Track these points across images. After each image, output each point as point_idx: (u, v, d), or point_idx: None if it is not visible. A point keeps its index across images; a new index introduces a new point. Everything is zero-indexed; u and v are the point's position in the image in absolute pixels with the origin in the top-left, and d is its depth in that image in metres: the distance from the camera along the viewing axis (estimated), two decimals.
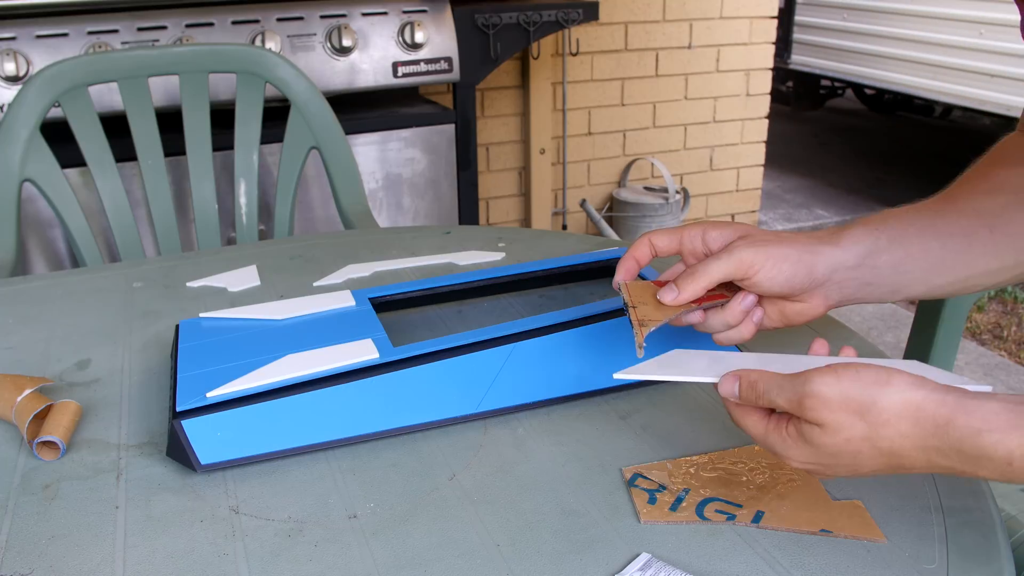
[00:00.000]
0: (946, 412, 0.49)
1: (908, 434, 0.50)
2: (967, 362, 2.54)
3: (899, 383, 0.50)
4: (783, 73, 5.06)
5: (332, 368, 0.69)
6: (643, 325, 0.64)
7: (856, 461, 0.52)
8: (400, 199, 2.08)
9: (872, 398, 0.50)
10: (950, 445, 0.49)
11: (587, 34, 2.91)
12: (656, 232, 0.70)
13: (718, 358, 0.61)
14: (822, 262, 0.64)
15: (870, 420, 0.50)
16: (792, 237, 0.66)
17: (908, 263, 0.66)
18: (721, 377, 0.57)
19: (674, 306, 0.65)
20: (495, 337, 0.72)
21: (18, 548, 0.59)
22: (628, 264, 0.70)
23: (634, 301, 0.67)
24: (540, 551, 0.57)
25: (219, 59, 1.44)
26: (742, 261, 0.64)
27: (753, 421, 0.56)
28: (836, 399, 0.51)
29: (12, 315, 0.94)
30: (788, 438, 0.54)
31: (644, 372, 0.61)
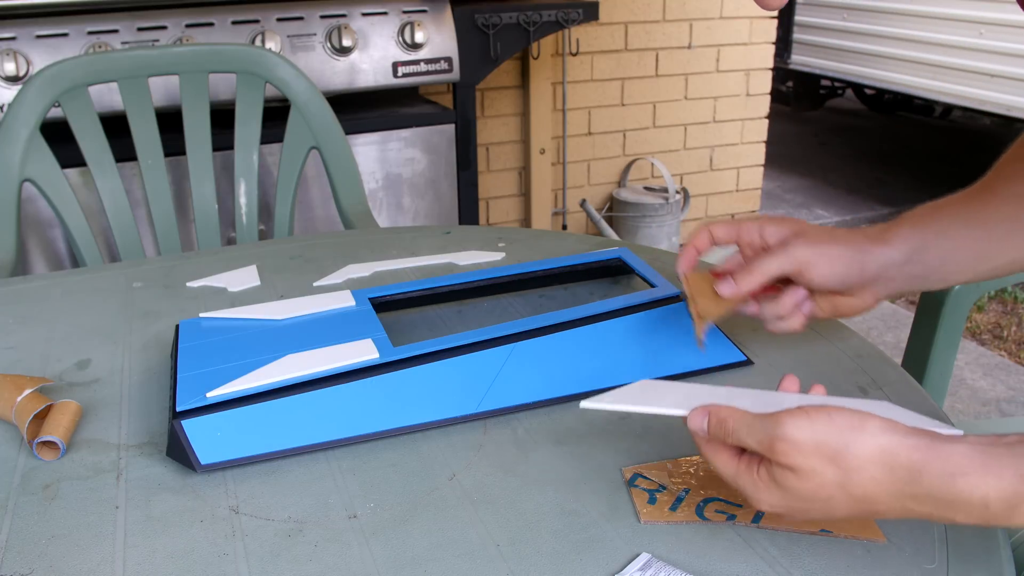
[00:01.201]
0: (919, 457, 0.48)
1: (881, 481, 0.49)
2: (967, 362, 2.54)
3: (872, 428, 0.50)
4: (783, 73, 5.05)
5: (332, 368, 0.69)
6: (702, 319, 0.68)
7: (828, 506, 0.51)
8: (400, 199, 2.08)
9: (845, 443, 0.49)
10: (925, 492, 0.48)
11: (587, 34, 2.91)
12: (716, 223, 0.72)
13: (688, 391, 0.60)
14: (873, 261, 0.67)
15: (843, 466, 0.49)
16: (845, 235, 0.68)
17: (955, 254, 0.68)
18: (690, 412, 0.56)
19: (731, 299, 0.69)
20: (495, 337, 0.72)
21: (18, 548, 0.59)
22: (689, 253, 0.73)
23: (694, 294, 0.70)
24: (540, 551, 0.57)
25: (219, 59, 1.44)
26: (797, 259, 0.67)
27: (723, 460, 0.54)
28: (808, 444, 0.50)
29: (12, 315, 0.94)
30: (759, 481, 0.53)
31: (612, 402, 0.58)
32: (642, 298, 0.79)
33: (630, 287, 0.96)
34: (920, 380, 1.06)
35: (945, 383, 1.10)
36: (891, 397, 0.74)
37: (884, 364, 0.80)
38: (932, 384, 1.08)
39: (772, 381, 0.72)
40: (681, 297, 0.71)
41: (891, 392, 0.75)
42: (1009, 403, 2.33)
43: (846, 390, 0.75)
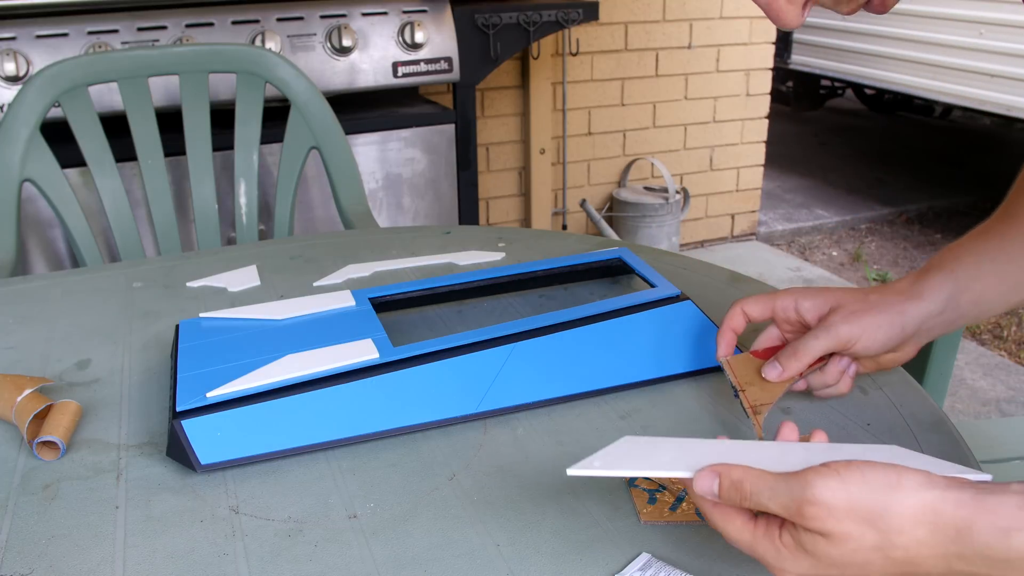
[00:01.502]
0: (966, 514, 0.45)
1: (926, 541, 0.45)
2: (967, 362, 2.54)
3: (910, 484, 0.46)
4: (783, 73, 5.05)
5: (332, 368, 0.69)
6: (757, 413, 0.67)
7: (865, 571, 0.47)
8: (400, 199, 2.08)
9: (884, 504, 0.45)
10: (975, 551, 0.44)
11: (587, 34, 2.91)
12: (748, 300, 0.72)
13: (681, 447, 0.55)
14: (912, 320, 0.68)
15: (882, 528, 0.45)
16: (879, 299, 0.68)
17: (988, 293, 0.69)
18: (696, 473, 0.50)
19: (779, 383, 0.68)
20: (495, 337, 0.72)
21: (18, 548, 0.59)
22: (727, 337, 0.72)
23: (741, 383, 0.69)
24: (540, 551, 0.57)
25: (219, 59, 1.44)
26: (839, 338, 0.67)
27: (737, 527, 0.49)
28: (842, 507, 0.45)
29: (12, 315, 0.94)
30: (783, 548, 0.48)
31: (603, 468, 0.52)
32: (642, 298, 0.79)
33: (630, 287, 0.96)
34: (920, 380, 1.06)
35: (945, 383, 1.10)
36: (891, 397, 0.74)
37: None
38: (932, 384, 1.08)
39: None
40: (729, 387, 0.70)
41: (891, 392, 0.75)
42: (1009, 403, 2.33)
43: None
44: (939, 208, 3.87)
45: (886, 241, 3.57)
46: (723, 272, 1.01)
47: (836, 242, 3.57)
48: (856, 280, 3.15)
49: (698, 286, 0.96)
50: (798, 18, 0.54)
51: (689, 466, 0.51)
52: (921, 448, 0.67)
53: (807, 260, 3.35)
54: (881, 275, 3.18)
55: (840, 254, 3.44)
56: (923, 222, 3.75)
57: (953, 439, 0.68)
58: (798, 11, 0.54)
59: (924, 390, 0.76)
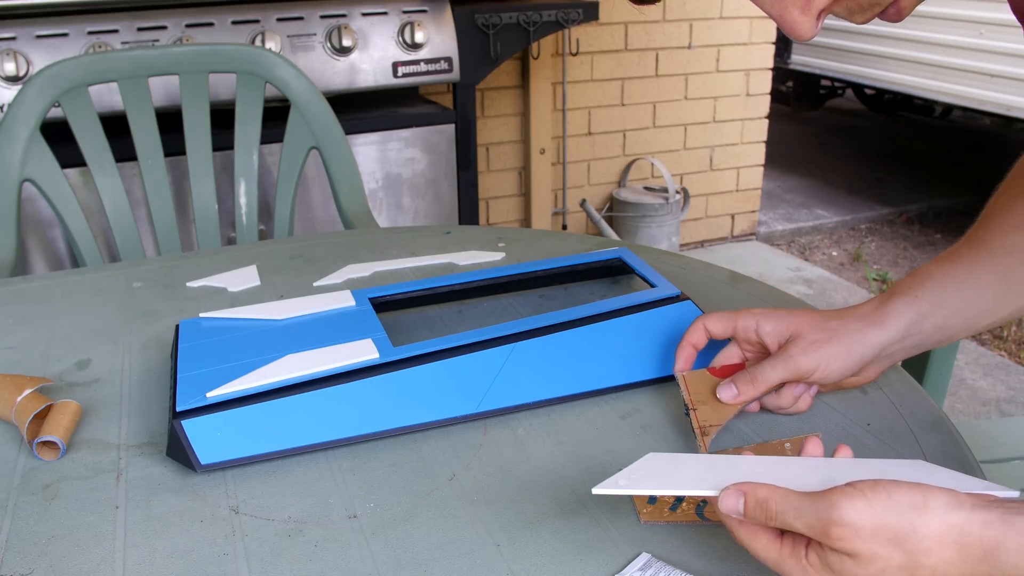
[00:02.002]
0: (994, 535, 0.44)
1: (953, 562, 0.45)
2: (967, 362, 2.54)
3: (937, 505, 0.46)
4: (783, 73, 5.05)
5: (332, 368, 0.69)
6: (705, 434, 0.67)
7: None
8: (400, 199, 2.08)
9: (911, 525, 0.45)
10: (1002, 572, 0.44)
11: (587, 34, 2.91)
12: (710, 317, 0.72)
13: (705, 463, 0.55)
14: (871, 347, 0.68)
15: (909, 549, 0.45)
16: (839, 326, 0.68)
17: (951, 319, 0.69)
18: (721, 492, 0.50)
19: (732, 404, 0.68)
20: (495, 337, 0.72)
21: (18, 548, 0.59)
22: (686, 351, 0.72)
23: (693, 401, 0.69)
24: (540, 551, 0.57)
25: (219, 59, 1.44)
26: (798, 370, 0.67)
27: (763, 544, 0.50)
28: (869, 527, 0.45)
29: (12, 315, 0.94)
30: (809, 568, 0.48)
31: (628, 486, 0.52)
32: (642, 298, 0.79)
33: (630, 287, 0.96)
34: (920, 380, 1.06)
35: (945, 383, 1.10)
36: (891, 397, 0.74)
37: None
38: (932, 384, 1.08)
39: None
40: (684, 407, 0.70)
41: (891, 392, 0.75)
42: (1009, 403, 2.33)
43: (846, 390, 0.75)
44: (939, 208, 3.87)
45: (886, 241, 3.57)
46: (723, 272, 1.01)
47: (836, 242, 3.57)
48: (856, 280, 3.15)
49: (698, 286, 0.96)
50: (812, 29, 0.53)
51: (714, 485, 0.51)
52: (921, 448, 0.67)
53: (807, 260, 3.35)
54: (881, 275, 3.18)
55: (840, 254, 3.44)
56: (923, 222, 3.75)
57: (953, 439, 0.68)
58: (812, 22, 0.52)
59: (924, 390, 0.76)
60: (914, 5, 0.53)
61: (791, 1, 0.52)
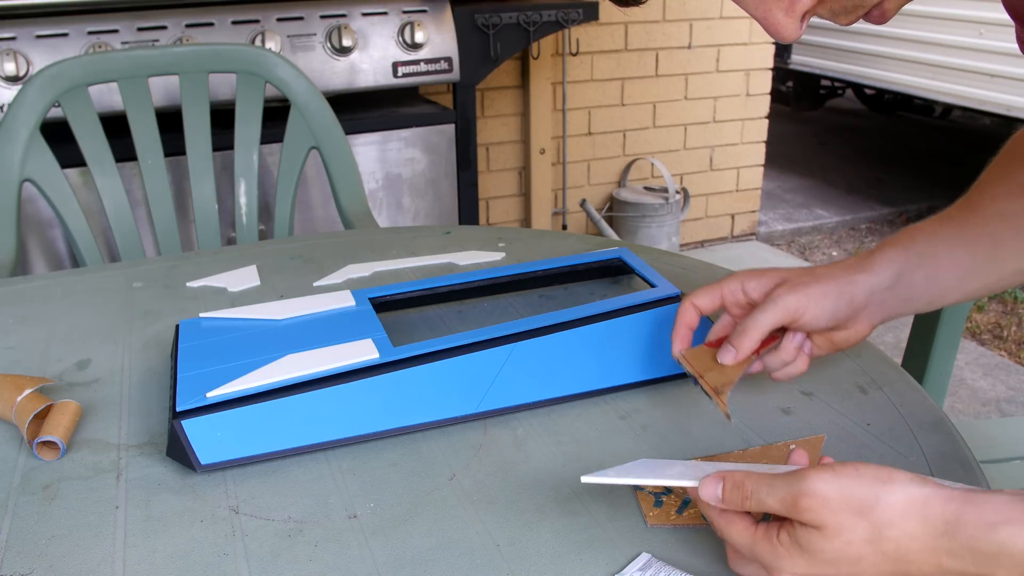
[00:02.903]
0: (955, 508, 0.46)
1: (915, 534, 0.46)
2: (967, 362, 2.54)
3: (902, 479, 0.47)
4: (783, 73, 5.05)
5: (332, 368, 0.69)
6: (719, 393, 0.66)
7: (857, 569, 0.48)
8: (400, 199, 2.08)
9: (875, 495, 0.47)
10: (962, 544, 0.45)
11: (587, 34, 2.91)
12: (696, 293, 0.71)
13: (693, 465, 0.58)
14: (860, 290, 0.67)
15: (873, 519, 0.47)
16: (827, 272, 0.68)
17: (940, 275, 0.68)
18: (702, 480, 0.52)
19: (736, 365, 0.67)
20: (495, 337, 0.72)
21: (18, 548, 0.59)
22: (681, 333, 0.71)
23: (698, 371, 0.68)
24: (540, 551, 0.57)
25: (219, 59, 1.44)
26: (787, 309, 0.66)
27: (739, 530, 0.51)
28: (835, 498, 0.47)
29: (12, 315, 0.94)
30: (780, 546, 0.49)
31: (615, 476, 0.55)
32: (642, 298, 0.79)
33: (630, 287, 0.96)
34: (920, 380, 1.06)
35: (945, 383, 1.10)
36: (891, 397, 0.74)
37: (884, 364, 0.80)
38: (932, 384, 1.08)
39: (770, 380, 0.72)
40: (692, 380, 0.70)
41: (891, 392, 0.75)
42: (1009, 403, 2.33)
43: (846, 390, 0.76)
44: (939, 208, 3.81)
45: None
46: (723, 272, 1.01)
47: (836, 242, 3.57)
48: None
49: (698, 286, 0.95)
50: (796, 31, 0.53)
51: (696, 477, 0.53)
52: (921, 448, 0.67)
53: (807, 260, 3.35)
54: None
55: (840, 254, 3.44)
56: None
57: (953, 439, 0.68)
58: (796, 24, 0.53)
59: (924, 390, 0.76)
60: (898, 8, 0.54)
61: (775, 3, 0.53)
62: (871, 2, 0.52)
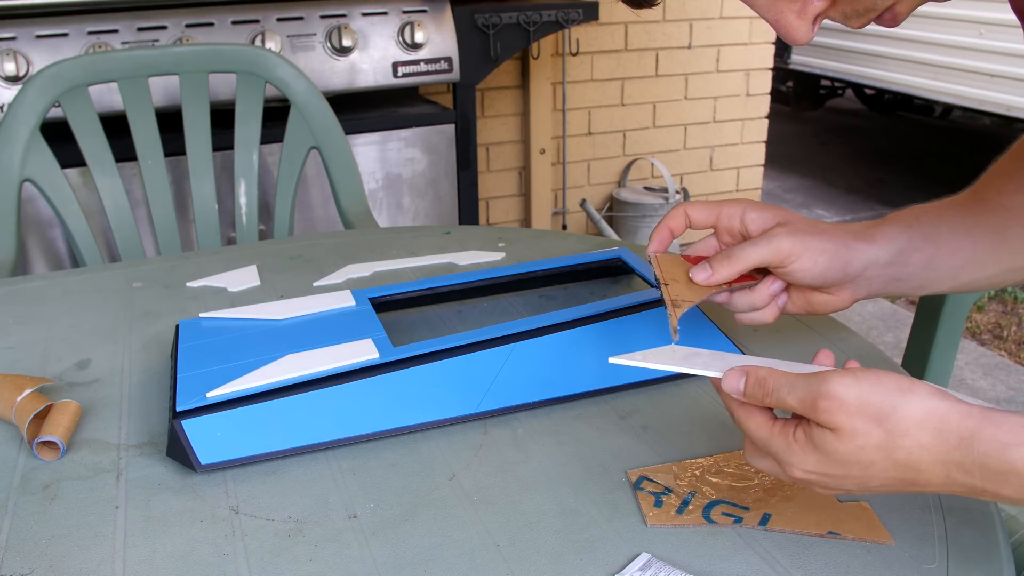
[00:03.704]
0: (971, 424, 0.46)
1: (928, 446, 0.47)
2: (967, 362, 2.54)
3: (921, 391, 0.47)
4: (783, 73, 5.05)
5: (332, 368, 0.69)
6: (676, 307, 0.63)
7: (867, 473, 0.48)
8: (400, 199, 2.08)
9: (893, 404, 0.47)
10: (973, 460, 0.46)
11: (587, 34, 2.91)
12: (693, 203, 0.68)
13: (719, 356, 0.58)
14: (857, 258, 0.65)
15: (888, 428, 0.47)
16: (830, 229, 0.66)
17: (938, 261, 0.66)
18: (725, 372, 0.53)
19: (706, 286, 0.65)
20: (495, 337, 0.72)
21: (18, 548, 0.59)
22: (662, 233, 0.68)
23: (666, 278, 0.66)
24: (540, 551, 0.57)
25: (219, 59, 1.44)
26: (780, 250, 0.64)
27: (757, 423, 0.52)
28: (854, 402, 0.47)
29: (12, 315, 0.94)
30: (795, 443, 0.50)
31: (643, 360, 0.57)
32: (642, 298, 0.79)
33: (630, 287, 0.96)
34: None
35: (945, 383, 1.10)
36: None
37: (884, 364, 0.80)
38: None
39: None
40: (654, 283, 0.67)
41: None
42: (1009, 403, 2.33)
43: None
44: None
45: None
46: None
47: None
48: None
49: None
50: (808, 34, 0.53)
51: (720, 369, 0.54)
52: None
53: None
54: None
55: None
56: None
57: None
58: (808, 27, 0.52)
59: None
60: (910, 10, 0.53)
61: (787, 6, 0.52)
62: (883, 5, 0.52)
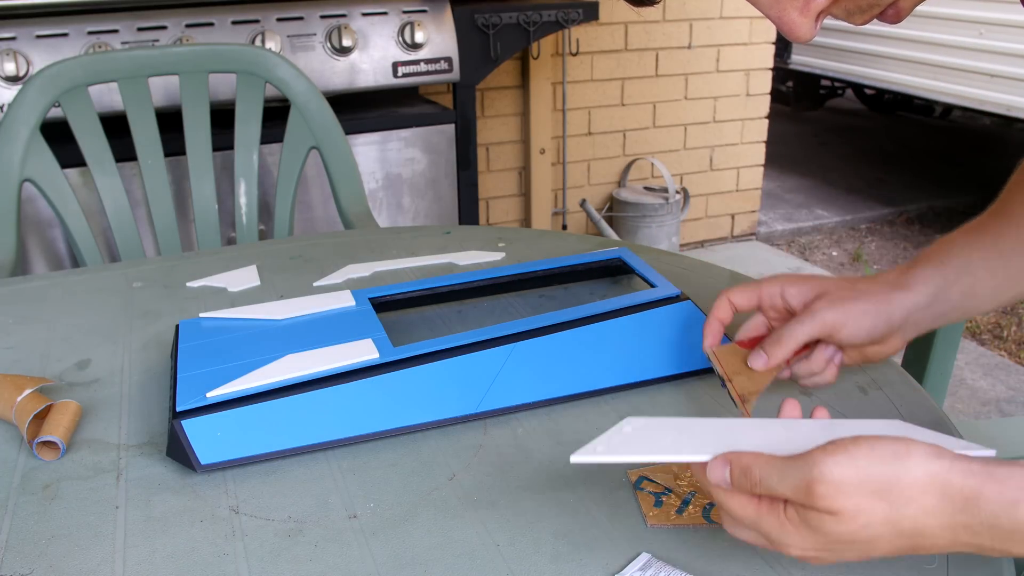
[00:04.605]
0: (974, 483, 0.45)
1: (933, 511, 0.45)
2: (967, 362, 2.54)
3: (919, 455, 0.46)
4: (783, 73, 5.05)
5: (332, 368, 0.69)
6: (745, 402, 0.66)
7: (871, 545, 0.47)
8: (400, 199, 2.08)
9: (894, 474, 0.45)
10: (981, 521, 0.45)
11: (587, 34, 2.91)
12: (734, 290, 0.71)
13: (683, 428, 0.55)
14: (898, 310, 0.67)
15: (891, 500, 0.45)
16: (867, 287, 0.68)
17: (977, 288, 0.68)
18: (709, 463, 0.50)
19: (766, 371, 0.68)
20: (495, 337, 0.72)
21: (18, 548, 0.59)
22: (713, 327, 0.71)
23: (728, 373, 0.68)
24: (540, 551, 0.57)
25: (219, 59, 1.44)
26: (825, 324, 0.66)
27: (740, 503, 0.49)
28: (853, 482, 0.45)
29: (12, 315, 0.94)
30: (788, 523, 0.48)
31: (606, 453, 0.51)
32: (642, 298, 0.79)
33: (630, 287, 0.96)
34: (920, 380, 1.06)
35: (945, 383, 1.10)
36: (891, 397, 0.74)
37: (884, 364, 0.80)
38: (932, 384, 1.08)
39: None
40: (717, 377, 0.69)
41: (891, 392, 0.75)
42: (1009, 403, 2.33)
43: (846, 390, 0.76)
44: (939, 208, 3.86)
45: (886, 241, 3.57)
46: (723, 272, 1.01)
47: (836, 242, 3.57)
48: None
49: (698, 286, 0.96)
50: (811, 31, 0.53)
51: (694, 449, 0.51)
52: None
53: (807, 260, 3.35)
54: None
55: (840, 254, 3.44)
56: (923, 222, 3.75)
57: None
58: (811, 24, 0.52)
59: (924, 390, 0.76)
60: (913, 6, 0.53)
61: (790, 3, 0.52)
62: (886, 1, 0.52)
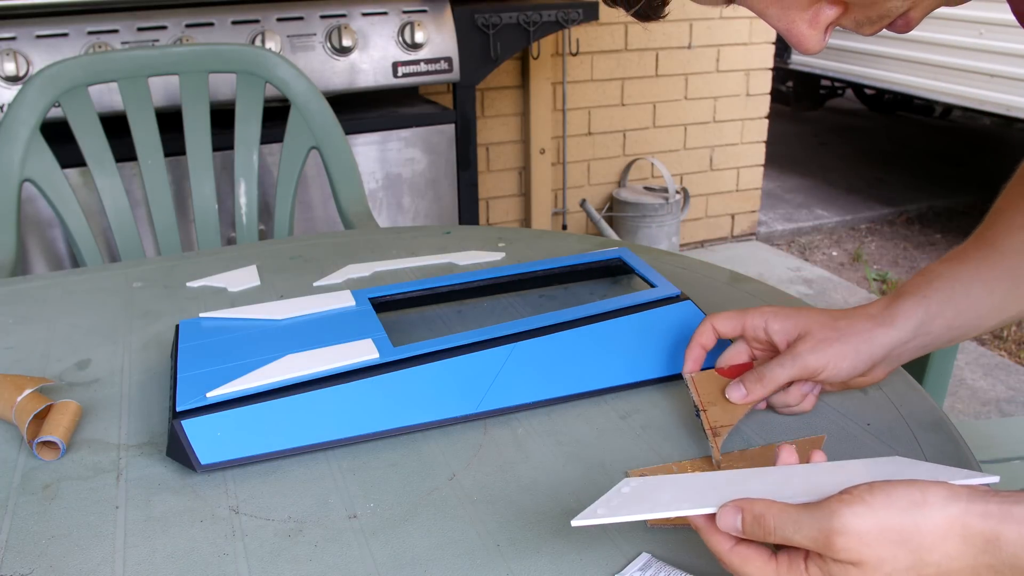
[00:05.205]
0: (994, 524, 0.44)
1: (956, 555, 0.45)
2: (967, 362, 2.54)
3: (936, 500, 0.45)
4: (783, 73, 5.05)
5: (332, 368, 0.69)
6: (717, 435, 0.67)
7: None
8: (400, 199, 2.08)
9: (914, 523, 0.45)
10: (1003, 561, 0.44)
11: (587, 34, 2.91)
12: (718, 317, 0.72)
13: (680, 483, 0.53)
14: (880, 347, 0.68)
15: (913, 547, 0.45)
16: (848, 325, 0.68)
17: (960, 319, 0.68)
18: (719, 509, 0.49)
19: (741, 404, 0.69)
20: (495, 337, 0.72)
21: (18, 548, 0.59)
22: (695, 352, 0.72)
23: (703, 402, 0.69)
24: (540, 551, 0.57)
25: (219, 59, 1.44)
26: (806, 367, 0.67)
27: (758, 567, 0.48)
28: (873, 532, 0.45)
29: (12, 315, 0.94)
30: None
31: (607, 515, 0.49)
32: (642, 298, 0.79)
33: (630, 287, 0.96)
34: (920, 380, 1.06)
35: (945, 383, 1.09)
36: (891, 397, 0.74)
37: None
38: (932, 384, 1.08)
39: None
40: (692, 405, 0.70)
41: (891, 392, 0.75)
42: (1009, 403, 2.33)
43: (849, 390, 0.75)
44: (939, 208, 3.87)
45: (886, 241, 3.57)
46: (723, 272, 1.01)
47: (836, 242, 3.57)
48: (856, 280, 3.15)
49: (698, 286, 0.96)
50: (820, 43, 0.52)
51: (698, 503, 0.49)
52: (921, 448, 0.67)
53: (807, 260, 3.35)
54: (881, 275, 3.18)
55: (840, 254, 3.44)
56: (923, 222, 3.75)
57: (953, 439, 0.68)
58: (819, 36, 0.52)
59: (924, 390, 0.76)
60: (923, 16, 0.52)
61: (799, 15, 0.51)
62: (896, 12, 0.51)
